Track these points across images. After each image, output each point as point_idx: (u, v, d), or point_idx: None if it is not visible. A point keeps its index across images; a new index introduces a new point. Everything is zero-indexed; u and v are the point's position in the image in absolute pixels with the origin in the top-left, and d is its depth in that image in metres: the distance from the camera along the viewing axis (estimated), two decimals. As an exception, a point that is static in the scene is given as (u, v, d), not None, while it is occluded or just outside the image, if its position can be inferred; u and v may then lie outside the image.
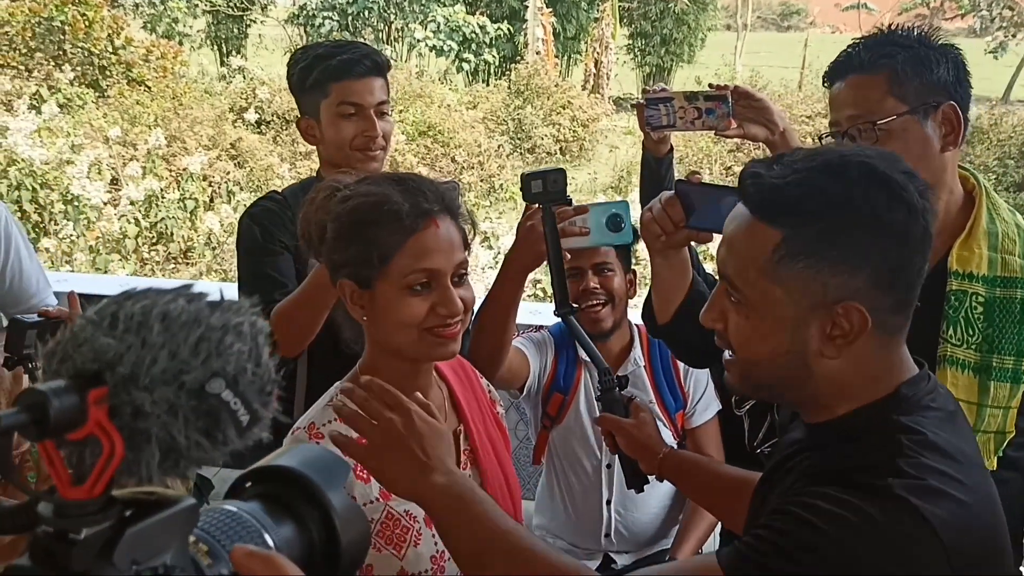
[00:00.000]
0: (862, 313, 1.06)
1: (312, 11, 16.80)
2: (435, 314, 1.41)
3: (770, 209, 1.08)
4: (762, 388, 1.21)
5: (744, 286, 1.11)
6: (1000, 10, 16.24)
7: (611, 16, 15.91)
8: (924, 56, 1.60)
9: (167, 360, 0.58)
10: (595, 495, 2.36)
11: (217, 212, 9.09)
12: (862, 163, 1.08)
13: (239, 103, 12.80)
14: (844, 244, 1.06)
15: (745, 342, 1.14)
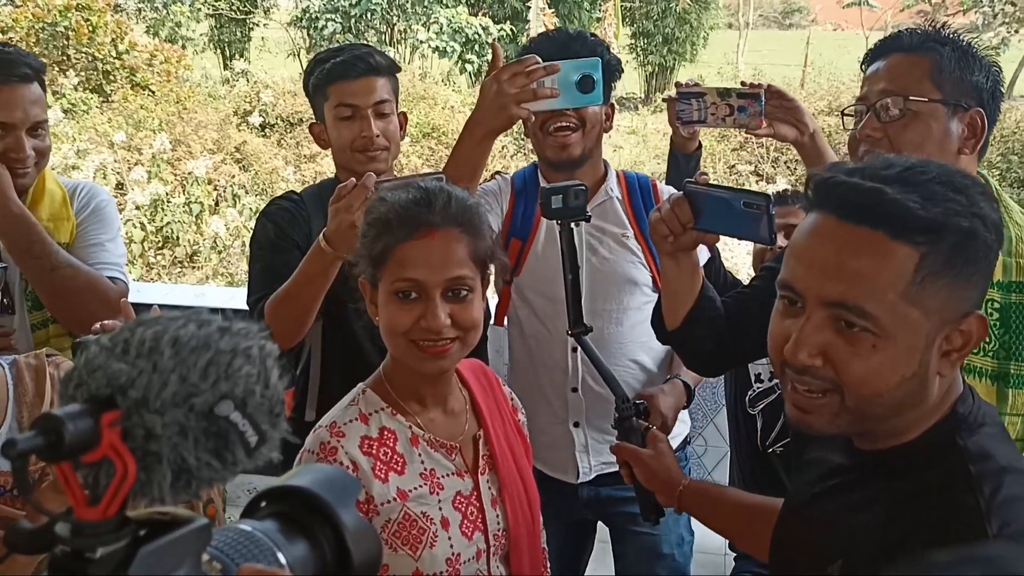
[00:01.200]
0: (983, 321, 1.04)
1: (315, 14, 16.81)
2: (419, 327, 1.42)
3: (907, 228, 0.99)
4: (865, 422, 1.08)
5: (881, 312, 1.01)
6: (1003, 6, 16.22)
7: (613, 16, 15.91)
8: (969, 57, 1.62)
9: (177, 383, 0.60)
10: (560, 347, 2.20)
11: (223, 216, 9.11)
12: (960, 172, 1.05)
13: (243, 106, 12.82)
14: (974, 256, 1.02)
15: (870, 376, 1.03)
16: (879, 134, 1.62)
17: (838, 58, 14.92)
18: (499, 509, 1.56)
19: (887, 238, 1.00)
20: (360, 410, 1.49)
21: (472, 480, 1.54)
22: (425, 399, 1.54)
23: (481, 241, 1.47)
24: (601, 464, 2.22)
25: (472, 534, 1.51)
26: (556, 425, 2.20)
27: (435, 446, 1.52)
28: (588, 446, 2.22)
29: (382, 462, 1.46)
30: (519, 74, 1.77)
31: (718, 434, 3.82)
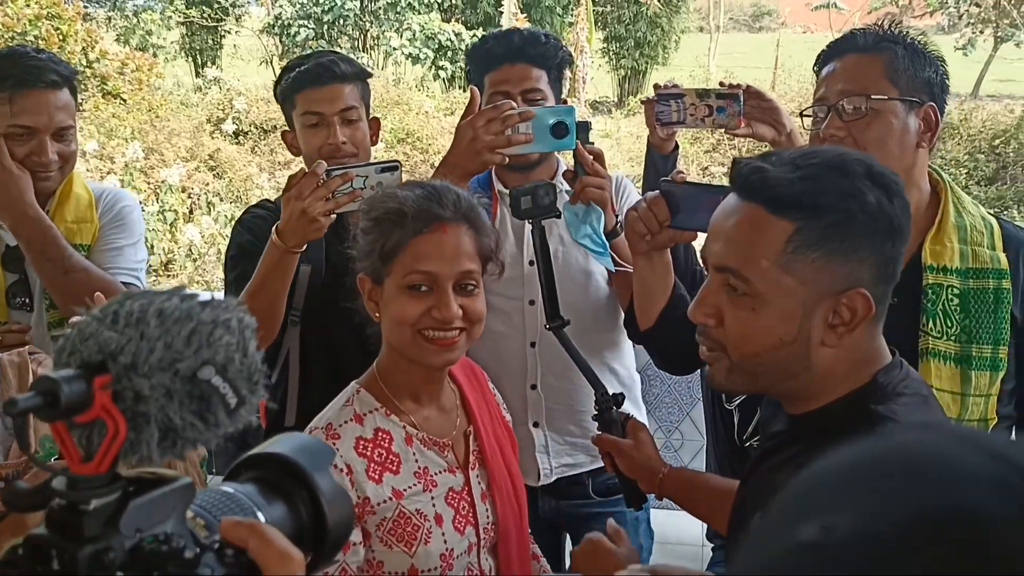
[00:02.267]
0: (867, 299, 1.11)
1: (287, 20, 16.79)
2: (429, 317, 1.46)
3: (781, 202, 1.10)
4: (757, 381, 1.20)
5: (754, 276, 1.12)
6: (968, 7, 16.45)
7: (586, 21, 15.98)
8: (919, 54, 1.68)
9: (163, 350, 0.65)
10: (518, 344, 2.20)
11: (197, 224, 9.09)
12: (860, 161, 1.13)
13: (216, 114, 12.79)
14: (852, 236, 1.10)
15: (748, 335, 1.15)
16: (843, 133, 1.66)
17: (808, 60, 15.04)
18: (488, 503, 1.59)
19: (765, 211, 1.12)
20: (355, 410, 1.51)
21: (463, 476, 1.57)
22: (420, 397, 1.57)
23: (485, 238, 1.52)
24: (562, 467, 2.21)
25: (464, 529, 1.54)
26: (516, 426, 2.22)
27: (428, 444, 1.54)
28: (548, 447, 2.21)
29: (376, 463, 1.48)
30: (494, 120, 1.81)
31: (694, 428, 3.87)
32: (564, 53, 2.15)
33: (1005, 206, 12.25)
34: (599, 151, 1.87)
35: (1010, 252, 1.70)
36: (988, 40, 17.29)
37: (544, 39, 2.13)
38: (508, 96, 2.05)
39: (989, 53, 18.40)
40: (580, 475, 2.21)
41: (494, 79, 2.10)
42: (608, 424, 1.72)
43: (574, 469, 2.21)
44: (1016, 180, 13.03)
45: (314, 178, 1.76)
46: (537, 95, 2.08)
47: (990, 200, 12.43)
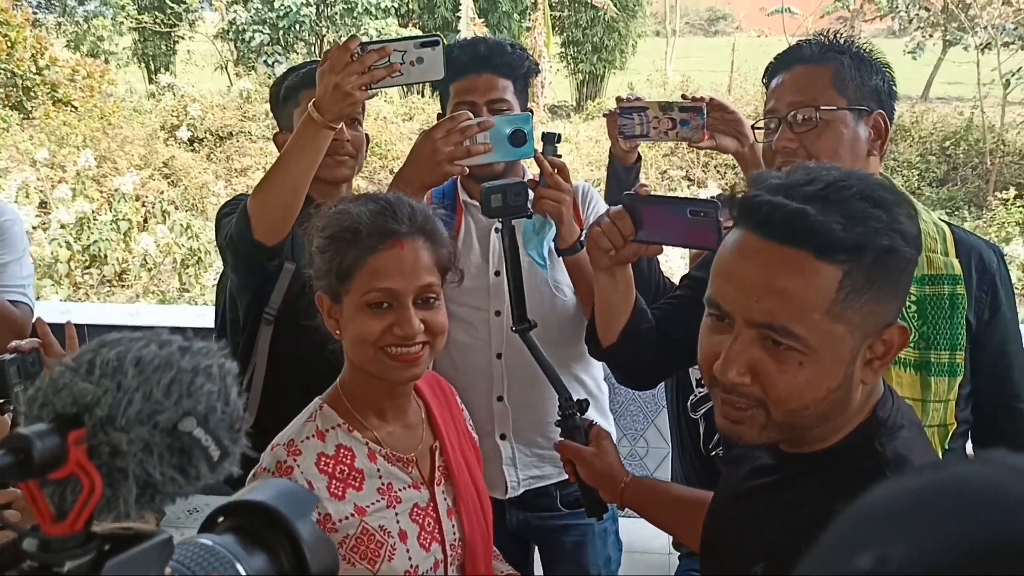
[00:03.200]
0: (904, 330, 1.06)
1: (242, 26, 16.62)
2: (391, 333, 1.44)
3: (829, 248, 1.00)
4: (793, 432, 1.10)
5: (807, 332, 1.02)
6: (917, 11, 16.75)
7: (543, 26, 16.02)
8: (865, 63, 1.69)
9: (142, 402, 0.61)
10: (484, 355, 2.16)
11: (152, 233, 8.95)
12: (882, 185, 1.06)
13: (170, 121, 12.63)
14: (895, 269, 1.03)
15: (796, 391, 1.04)
16: (794, 144, 1.66)
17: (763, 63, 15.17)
18: (455, 519, 1.57)
19: (811, 257, 1.01)
20: (317, 426, 1.49)
21: (428, 492, 1.55)
22: (384, 412, 1.54)
23: (442, 249, 1.50)
24: (529, 479, 2.19)
25: (430, 545, 1.52)
26: (483, 438, 2.20)
27: (392, 460, 1.52)
28: (515, 459, 2.18)
29: (338, 479, 1.46)
30: (453, 131, 1.79)
31: (659, 435, 3.88)
32: (530, 63, 2.13)
33: (956, 206, 12.48)
34: (562, 163, 1.85)
35: (962, 258, 1.72)
36: (937, 44, 17.62)
37: (510, 49, 2.11)
38: (474, 106, 2.04)
39: (938, 56, 18.76)
40: (548, 487, 2.19)
41: (459, 88, 2.08)
42: (571, 430, 1.70)
43: (541, 481, 2.19)
44: (967, 181, 13.28)
45: (346, 52, 1.72)
46: (503, 105, 2.06)
47: (942, 201, 12.66)
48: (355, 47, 1.72)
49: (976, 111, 14.10)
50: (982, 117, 13.80)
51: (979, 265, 1.73)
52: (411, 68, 1.74)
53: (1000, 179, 12.68)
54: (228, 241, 1.99)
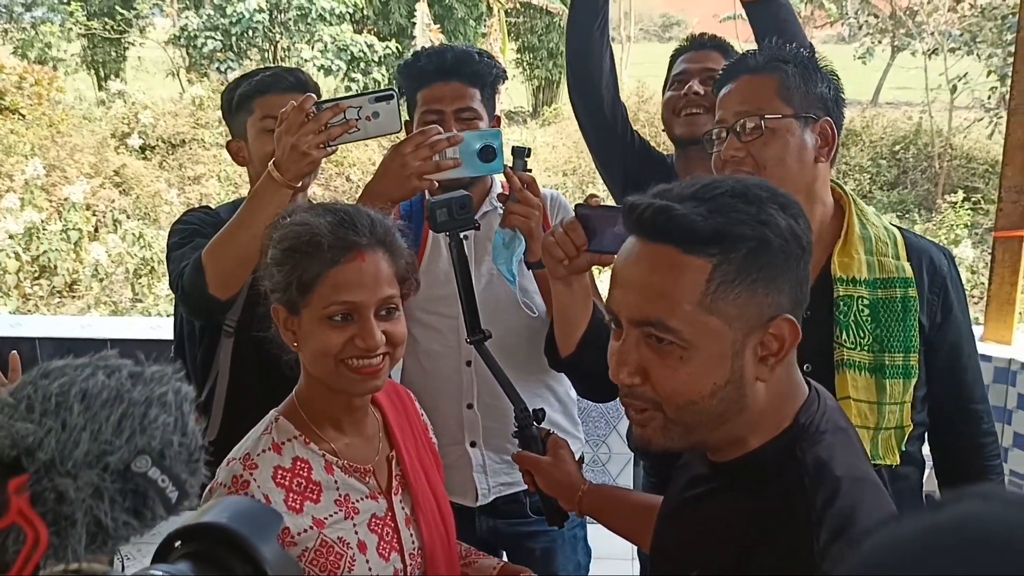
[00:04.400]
0: (793, 324, 1.07)
1: (194, 32, 16.39)
2: (353, 346, 1.43)
3: (694, 240, 1.04)
4: (694, 433, 1.11)
5: (679, 324, 1.05)
6: (866, 17, 17.01)
7: (499, 31, 16.03)
8: (810, 71, 1.70)
9: (89, 442, 0.57)
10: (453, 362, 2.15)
11: (103, 242, 8.79)
12: (761, 185, 1.08)
13: (121, 128, 12.43)
14: (770, 263, 1.05)
15: (681, 386, 1.07)
16: (742, 153, 1.68)
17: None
18: (413, 528, 1.57)
19: (678, 252, 1.04)
20: (273, 439, 1.47)
21: (386, 501, 1.54)
22: (342, 425, 1.53)
23: (401, 259, 1.49)
24: (499, 485, 2.18)
25: (389, 555, 1.51)
26: (453, 446, 2.18)
27: (349, 471, 1.51)
28: (485, 466, 2.18)
29: (296, 492, 1.44)
30: (422, 146, 1.77)
31: (621, 441, 3.87)
32: (498, 70, 2.12)
33: (907, 209, 12.69)
34: (530, 178, 1.84)
35: (913, 261, 1.74)
36: (886, 49, 17.91)
37: (477, 57, 2.10)
38: (441, 114, 2.03)
39: (887, 62, 19.08)
40: (517, 493, 2.18)
41: (427, 96, 2.07)
42: (528, 441, 1.70)
43: (511, 488, 2.18)
44: (916, 184, 13.52)
45: (301, 112, 1.71)
46: (470, 113, 2.05)
47: (892, 204, 12.87)
48: (310, 106, 1.71)
49: (924, 116, 14.36)
50: (930, 122, 14.06)
51: (930, 268, 1.76)
52: (367, 123, 1.74)
53: (948, 182, 12.93)
54: (180, 292, 1.96)
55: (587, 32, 2.30)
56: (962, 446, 1.83)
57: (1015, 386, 3.28)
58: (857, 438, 1.20)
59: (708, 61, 2.33)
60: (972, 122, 14.32)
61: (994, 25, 13.72)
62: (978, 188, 12.83)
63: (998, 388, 3.39)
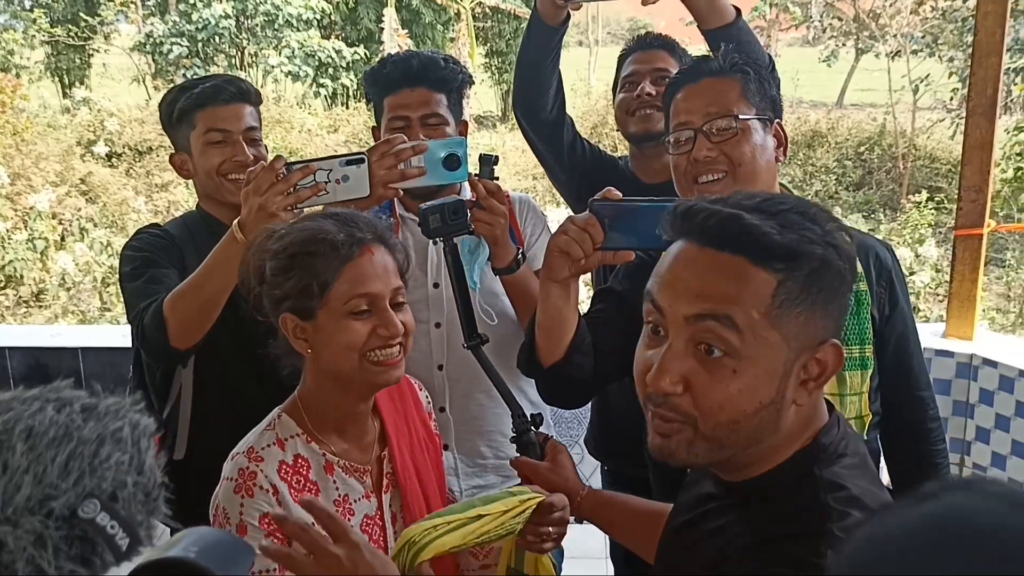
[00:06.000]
0: (839, 350, 1.05)
1: (159, 38, 16.24)
2: (376, 336, 1.46)
3: (766, 253, 1.01)
4: (723, 450, 1.07)
5: (745, 326, 1.01)
6: (830, 20, 17.18)
7: (467, 36, 16.03)
8: (765, 75, 1.74)
9: (32, 485, 0.53)
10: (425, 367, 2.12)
11: (70, 251, 8.69)
12: (816, 205, 1.06)
13: (87, 136, 12.29)
14: (828, 285, 1.03)
15: (728, 401, 1.02)
16: (715, 153, 1.67)
17: (683, 73, 15.40)
18: (398, 527, 1.58)
19: (747, 262, 1.01)
20: (277, 435, 1.50)
21: (376, 500, 1.56)
22: (344, 427, 1.55)
23: (400, 255, 1.54)
24: (472, 488, 2.18)
25: None
26: None
27: (349, 471, 1.53)
28: (457, 469, 2.18)
29: (295, 489, 1.46)
30: (387, 155, 1.77)
31: (592, 444, 3.88)
32: (463, 75, 2.13)
33: (872, 209, 12.82)
34: (495, 186, 1.85)
35: (860, 256, 1.76)
36: (850, 52, 18.08)
37: (443, 63, 2.11)
38: (407, 120, 2.03)
39: (851, 64, 19.27)
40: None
41: (393, 103, 2.07)
42: (526, 446, 1.69)
43: (484, 491, 2.17)
44: (881, 185, 13.65)
45: (271, 172, 1.70)
46: (436, 119, 2.06)
47: (858, 204, 12.99)
48: (280, 167, 1.70)
49: (888, 117, 14.52)
50: (894, 123, 14.22)
51: (876, 263, 1.81)
52: (337, 186, 1.72)
53: (913, 182, 13.07)
54: (141, 338, 1.94)
55: (539, 66, 2.28)
56: (911, 432, 1.89)
57: (976, 381, 3.34)
58: (874, 466, 1.17)
59: (657, 61, 2.34)
60: (935, 123, 14.49)
61: (955, 27, 13.91)
62: (941, 188, 12.98)
63: (960, 383, 3.44)
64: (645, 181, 2.37)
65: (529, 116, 2.38)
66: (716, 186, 1.68)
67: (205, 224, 2.15)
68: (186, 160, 2.14)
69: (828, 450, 1.08)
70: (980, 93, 3.02)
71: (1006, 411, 3.24)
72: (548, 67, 2.29)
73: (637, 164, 2.41)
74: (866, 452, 1.14)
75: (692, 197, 1.68)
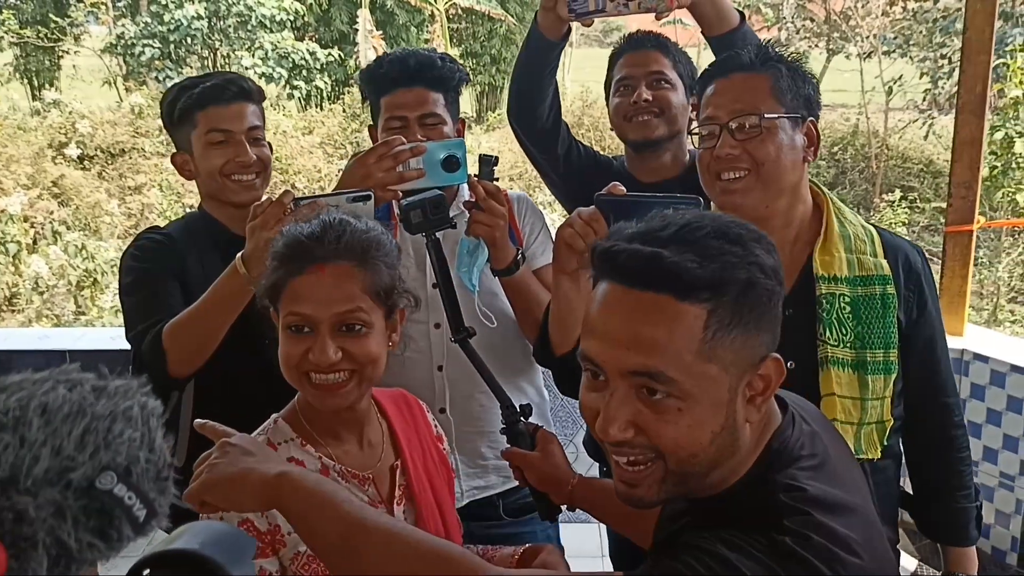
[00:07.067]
0: (779, 362, 1.05)
1: (131, 39, 16.09)
2: (307, 360, 1.41)
3: (690, 288, 1.00)
4: (688, 483, 1.07)
5: (680, 375, 1.00)
6: (802, 21, 17.30)
7: (441, 38, 16.03)
8: (798, 72, 1.71)
9: (51, 458, 0.54)
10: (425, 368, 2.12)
11: (43, 255, 8.59)
12: (735, 222, 1.06)
13: (58, 138, 12.15)
14: (757, 303, 1.02)
15: (681, 439, 1.02)
16: (737, 151, 1.67)
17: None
18: None
19: (673, 300, 1.00)
20: (268, 439, 1.47)
21: (386, 511, 1.51)
22: (339, 431, 1.52)
23: (377, 275, 1.45)
24: (473, 489, 2.17)
25: None
26: None
27: (347, 477, 1.49)
28: (459, 470, 2.15)
29: None
30: (386, 156, 1.75)
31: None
32: (460, 74, 2.11)
33: (846, 209, 12.95)
34: (494, 188, 1.84)
35: (890, 259, 1.76)
36: (822, 53, 18.22)
37: (440, 62, 2.08)
38: (405, 120, 2.01)
39: (823, 65, 19.44)
40: (491, 497, 2.18)
41: (390, 103, 2.05)
42: (516, 437, 1.69)
43: (485, 491, 2.17)
44: (855, 184, 13.79)
45: (280, 207, 1.68)
46: (434, 119, 2.03)
47: (833, 205, 13.12)
48: (288, 202, 1.69)
49: (861, 117, 14.66)
50: (867, 123, 14.36)
51: (906, 265, 1.78)
52: None
53: (885, 182, 13.21)
54: (139, 365, 1.92)
55: (537, 78, 2.27)
56: (934, 439, 1.86)
57: (968, 376, 3.35)
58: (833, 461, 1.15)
59: (652, 63, 2.31)
60: (907, 123, 14.66)
61: (926, 28, 14.06)
62: (914, 187, 13.12)
63: (951, 379, 3.46)
64: (641, 181, 2.36)
65: (525, 126, 2.37)
66: (738, 184, 1.67)
67: (207, 226, 2.12)
68: (188, 160, 2.10)
69: (783, 454, 1.08)
70: (969, 90, 3.04)
71: (997, 406, 3.25)
72: (546, 79, 2.28)
73: (633, 164, 2.40)
74: (823, 449, 1.13)
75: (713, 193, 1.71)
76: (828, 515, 1.02)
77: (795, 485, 1.04)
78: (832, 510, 1.03)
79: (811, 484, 1.04)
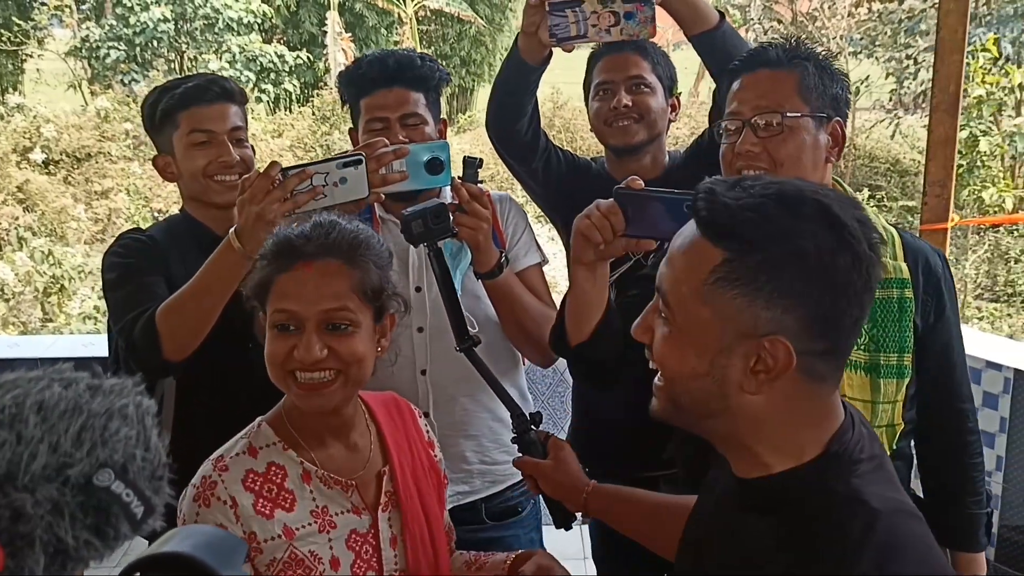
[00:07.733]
0: (788, 349, 1.02)
1: (96, 42, 15.93)
2: (293, 358, 1.40)
3: (716, 229, 1.03)
4: (679, 412, 1.12)
5: (674, 302, 1.07)
6: (770, 23, 17.48)
7: (411, 39, 16.02)
8: (826, 71, 1.69)
9: (48, 454, 0.54)
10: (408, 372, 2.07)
11: (9, 261, 8.46)
12: (818, 201, 1.02)
13: (22, 143, 11.99)
14: (783, 280, 1.00)
15: (665, 357, 1.10)
16: (757, 148, 1.65)
17: (627, 75, 15.53)
18: (398, 549, 1.52)
19: (701, 236, 1.05)
20: (250, 443, 1.45)
21: (370, 517, 1.50)
22: (323, 435, 1.50)
23: (366, 274, 1.44)
24: (457, 495, 2.12)
25: (364, 574, 1.47)
26: None
27: (329, 483, 1.47)
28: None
29: (266, 499, 1.41)
30: (368, 159, 1.74)
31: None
32: (441, 73, 2.09)
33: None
34: (478, 191, 1.82)
35: (910, 262, 1.74)
36: (790, 54, 18.44)
37: (420, 61, 2.06)
38: (386, 121, 1.99)
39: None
40: (474, 501, 2.16)
41: (370, 104, 2.03)
42: (527, 445, 1.66)
43: (469, 496, 2.15)
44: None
45: (267, 180, 1.66)
46: (415, 119, 2.02)
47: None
48: (276, 173, 1.67)
49: (828, 117, 14.82)
50: (835, 123, 14.52)
51: (925, 268, 1.76)
52: (334, 189, 1.69)
53: (854, 181, 13.35)
54: (132, 350, 1.88)
55: (518, 97, 2.25)
56: (949, 444, 1.85)
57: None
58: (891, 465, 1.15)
59: (631, 67, 2.30)
60: (874, 123, 14.83)
61: (891, 29, 14.24)
62: (881, 186, 13.28)
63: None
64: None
65: (503, 140, 2.35)
66: None
67: (189, 229, 2.09)
68: (170, 162, 2.07)
69: (843, 458, 1.06)
70: (943, 90, 3.06)
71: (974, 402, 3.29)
72: (526, 99, 2.26)
73: (613, 167, 2.40)
74: (882, 453, 1.12)
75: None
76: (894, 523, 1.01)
77: (856, 495, 1.03)
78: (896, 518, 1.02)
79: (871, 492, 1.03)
